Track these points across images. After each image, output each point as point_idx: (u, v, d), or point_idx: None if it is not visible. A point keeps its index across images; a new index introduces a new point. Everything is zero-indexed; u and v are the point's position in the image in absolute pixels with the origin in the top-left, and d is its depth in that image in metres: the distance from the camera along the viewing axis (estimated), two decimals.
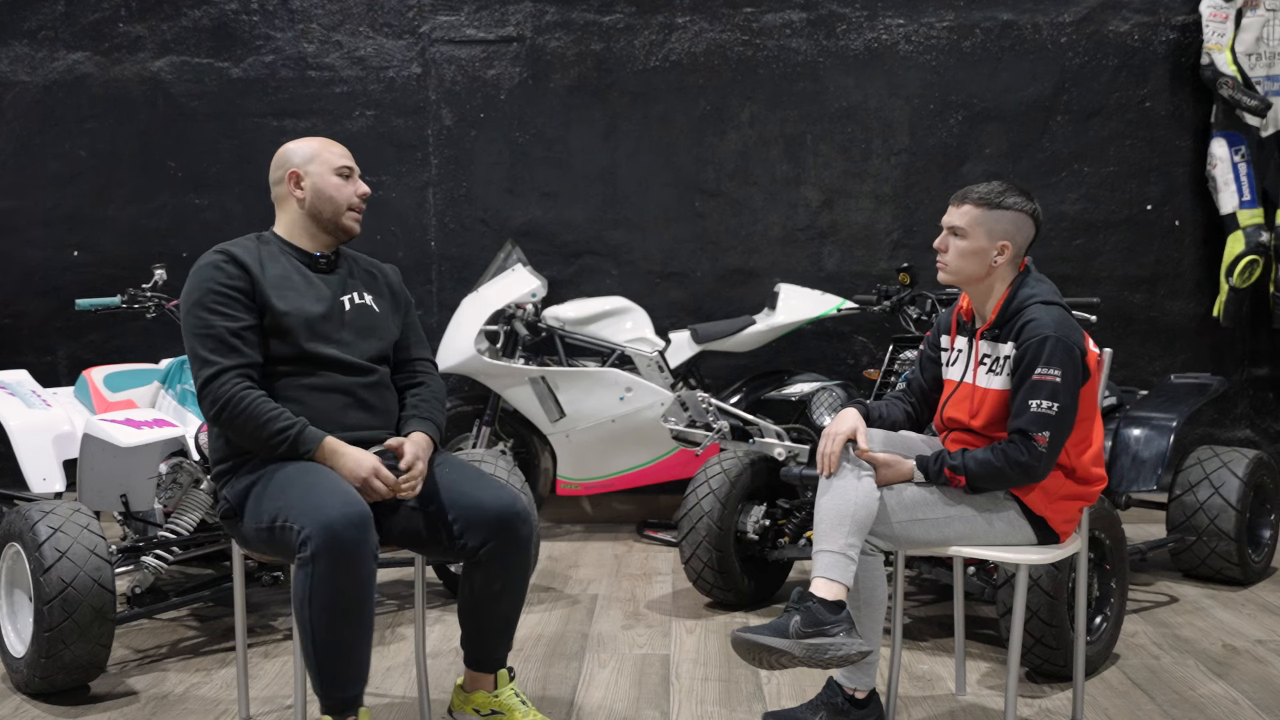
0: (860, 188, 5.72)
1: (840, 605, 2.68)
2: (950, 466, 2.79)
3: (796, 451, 3.92)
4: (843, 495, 2.75)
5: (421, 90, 5.75)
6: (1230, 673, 3.48)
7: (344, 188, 2.95)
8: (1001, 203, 2.85)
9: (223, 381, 2.71)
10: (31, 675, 3.19)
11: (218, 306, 2.76)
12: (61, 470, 3.99)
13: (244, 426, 2.70)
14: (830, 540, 2.73)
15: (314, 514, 2.53)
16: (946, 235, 2.89)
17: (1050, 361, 2.72)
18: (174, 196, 5.80)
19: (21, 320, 5.86)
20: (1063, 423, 2.74)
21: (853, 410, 2.88)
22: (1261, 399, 5.78)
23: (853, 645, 2.64)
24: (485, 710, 2.98)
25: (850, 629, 2.66)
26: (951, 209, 2.91)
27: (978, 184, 2.90)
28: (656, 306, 5.58)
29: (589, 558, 4.93)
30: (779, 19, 5.67)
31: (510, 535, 2.81)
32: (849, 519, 2.73)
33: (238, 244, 2.90)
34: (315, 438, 2.72)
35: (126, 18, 5.76)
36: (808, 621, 2.65)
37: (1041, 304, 2.80)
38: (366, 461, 2.73)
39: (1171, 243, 5.71)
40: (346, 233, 2.97)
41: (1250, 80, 5.44)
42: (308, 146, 2.99)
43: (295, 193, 2.95)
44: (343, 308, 2.93)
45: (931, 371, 3.07)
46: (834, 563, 2.71)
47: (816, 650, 2.63)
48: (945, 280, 2.91)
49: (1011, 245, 2.85)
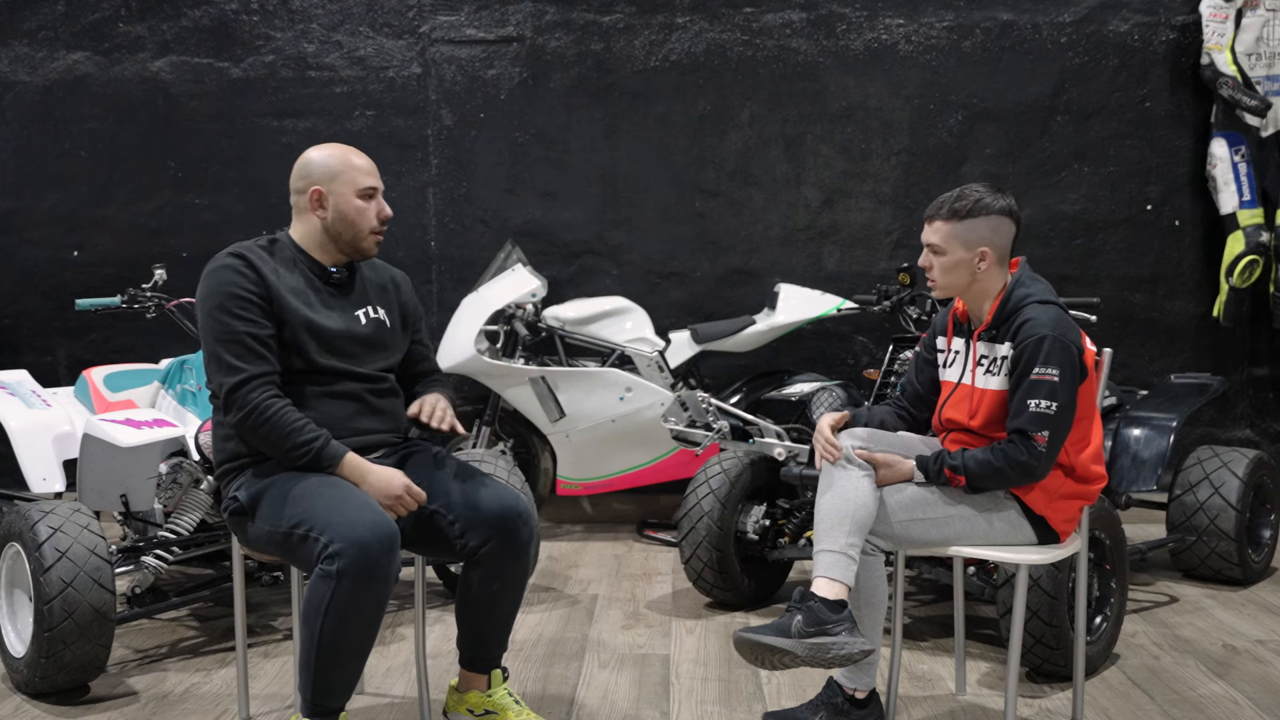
0: (860, 188, 5.72)
1: (842, 605, 2.68)
2: (950, 466, 2.79)
3: (796, 451, 3.92)
4: (843, 495, 2.75)
5: (421, 90, 5.75)
6: (1230, 673, 3.48)
7: (366, 212, 2.88)
8: (971, 210, 2.84)
9: (250, 389, 2.69)
10: (31, 675, 3.19)
11: (240, 311, 2.73)
12: (61, 470, 3.98)
13: (268, 435, 2.70)
14: (831, 540, 2.73)
15: (345, 530, 2.52)
16: (927, 253, 2.90)
17: (1048, 361, 2.72)
18: (174, 196, 5.80)
19: (21, 320, 5.86)
20: (1062, 421, 2.74)
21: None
22: (1261, 399, 5.78)
23: (855, 644, 2.64)
24: (479, 710, 2.98)
25: (852, 628, 2.66)
26: (926, 227, 2.91)
27: (946, 195, 2.89)
28: (656, 306, 5.58)
29: (589, 558, 4.93)
30: (779, 19, 5.67)
31: (511, 536, 2.81)
32: (849, 518, 2.73)
33: (252, 250, 2.83)
34: (338, 453, 2.72)
35: (126, 18, 5.76)
36: (810, 621, 2.65)
37: (1038, 303, 2.80)
38: (396, 480, 2.72)
39: (1171, 243, 5.71)
40: (364, 255, 2.93)
41: (1250, 80, 5.44)
42: (333, 161, 2.87)
43: (317, 211, 2.87)
44: (357, 322, 2.91)
45: (928, 374, 3.07)
46: (835, 562, 2.71)
47: (819, 650, 2.63)
48: (939, 296, 2.93)
49: (991, 250, 2.84)
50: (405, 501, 2.72)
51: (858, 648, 2.64)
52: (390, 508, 2.70)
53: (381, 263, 3.10)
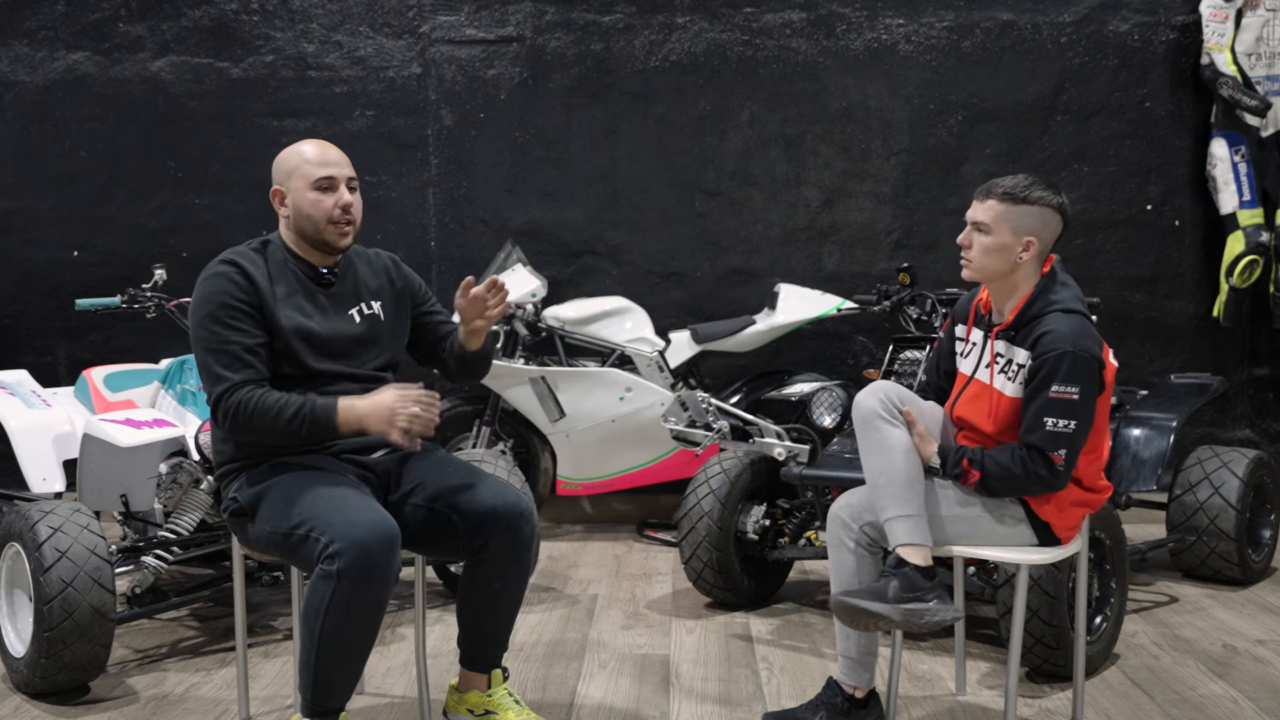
0: (860, 188, 5.72)
1: (933, 571, 2.69)
2: (969, 459, 2.76)
3: (796, 451, 3.92)
4: (896, 458, 2.73)
5: (421, 90, 5.75)
6: (1230, 673, 3.48)
7: (321, 202, 2.83)
8: (1027, 197, 2.78)
9: (232, 394, 2.69)
10: (31, 675, 3.19)
11: (231, 321, 2.72)
12: (61, 470, 3.98)
13: (259, 425, 2.68)
14: (900, 505, 2.71)
15: (345, 530, 2.52)
16: (970, 230, 2.82)
17: (1068, 379, 2.67)
18: (174, 196, 5.80)
19: (21, 320, 5.86)
20: (1078, 438, 2.71)
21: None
22: (1261, 399, 5.78)
23: (947, 611, 2.65)
24: (479, 710, 2.98)
25: (943, 595, 2.68)
26: (976, 203, 2.83)
27: (1003, 178, 2.82)
28: (656, 306, 5.58)
29: (589, 558, 4.93)
30: (779, 19, 5.67)
31: (514, 534, 2.81)
32: (907, 480, 2.72)
33: (245, 255, 2.83)
34: (330, 405, 2.68)
35: (126, 18, 5.76)
36: (906, 586, 2.65)
37: (1062, 312, 2.73)
38: (385, 398, 2.67)
39: (1171, 243, 5.71)
40: (332, 247, 2.87)
41: (1250, 80, 5.44)
42: (287, 157, 2.88)
43: (281, 210, 2.89)
44: (350, 322, 2.90)
45: (949, 365, 3.03)
46: (915, 527, 2.70)
47: (913, 614, 2.63)
48: (969, 278, 2.85)
49: (1038, 241, 2.79)
50: (406, 409, 2.64)
51: (949, 615, 2.65)
52: (404, 426, 2.64)
53: (374, 251, 3.07)
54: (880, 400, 2.78)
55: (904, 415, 2.78)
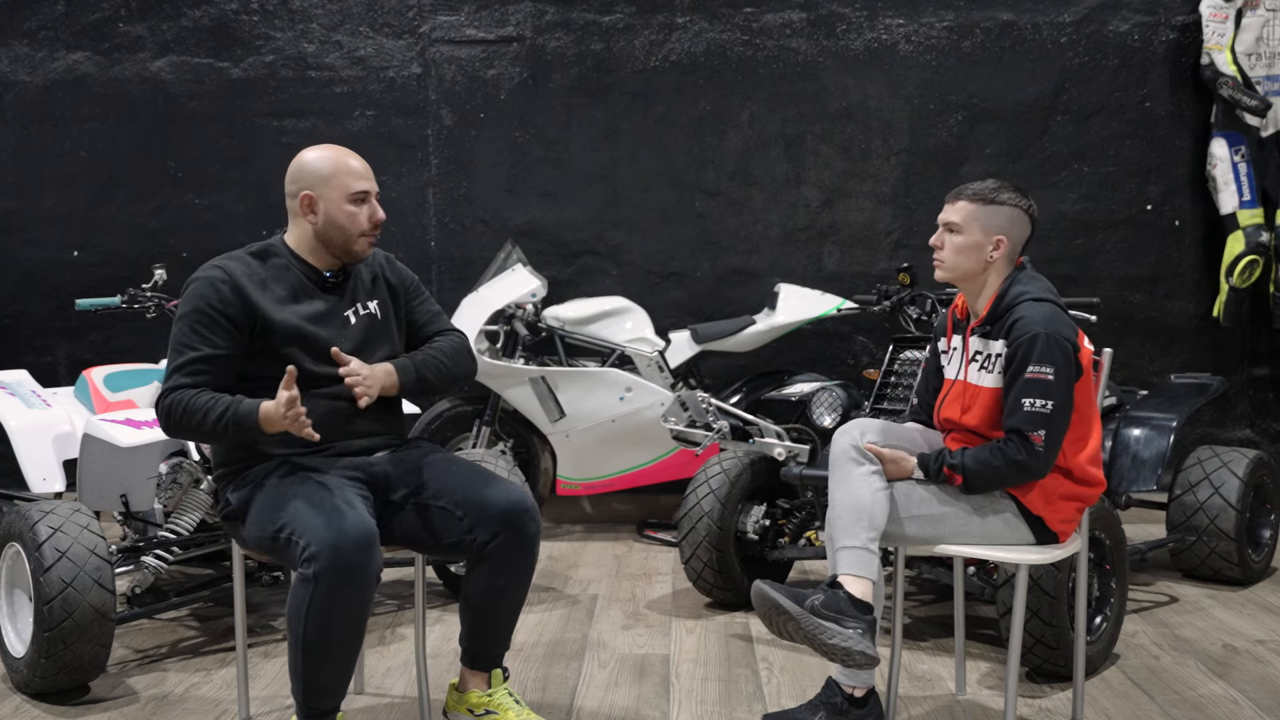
0: (860, 188, 5.72)
1: (868, 608, 2.67)
2: (950, 465, 2.79)
3: (796, 451, 3.92)
4: (857, 492, 2.75)
5: (421, 90, 5.75)
6: (1230, 673, 3.48)
7: (357, 217, 2.85)
8: (996, 198, 2.88)
9: (169, 395, 2.69)
10: (31, 675, 3.19)
11: (200, 328, 2.73)
12: (61, 470, 3.98)
13: (189, 425, 2.67)
14: (851, 536, 2.72)
15: (321, 532, 2.52)
16: (942, 232, 2.92)
17: (1042, 359, 2.72)
18: (174, 196, 5.80)
19: (21, 320, 5.86)
20: (1058, 419, 2.74)
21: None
22: (1261, 399, 5.78)
23: (858, 644, 2.61)
24: (479, 710, 2.98)
25: (866, 633, 2.65)
26: (947, 205, 2.94)
27: (972, 182, 2.93)
28: (656, 306, 5.58)
29: (589, 558, 4.93)
30: (779, 19, 5.67)
31: (518, 531, 2.81)
32: (867, 514, 2.73)
33: (241, 261, 2.83)
34: (252, 408, 2.64)
35: (126, 18, 5.76)
36: (828, 604, 2.65)
37: (1032, 300, 2.81)
38: (269, 405, 2.60)
39: (1171, 243, 5.71)
40: (356, 258, 2.91)
41: (1250, 80, 5.44)
42: (325, 165, 2.86)
43: (308, 215, 2.86)
44: (348, 322, 2.90)
45: (936, 381, 3.08)
46: (859, 558, 2.71)
47: (820, 630, 2.61)
48: (942, 278, 2.93)
49: (1007, 240, 2.87)
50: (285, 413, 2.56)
51: (859, 649, 2.61)
52: (291, 425, 2.58)
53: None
54: (852, 441, 2.83)
55: (869, 451, 2.80)
